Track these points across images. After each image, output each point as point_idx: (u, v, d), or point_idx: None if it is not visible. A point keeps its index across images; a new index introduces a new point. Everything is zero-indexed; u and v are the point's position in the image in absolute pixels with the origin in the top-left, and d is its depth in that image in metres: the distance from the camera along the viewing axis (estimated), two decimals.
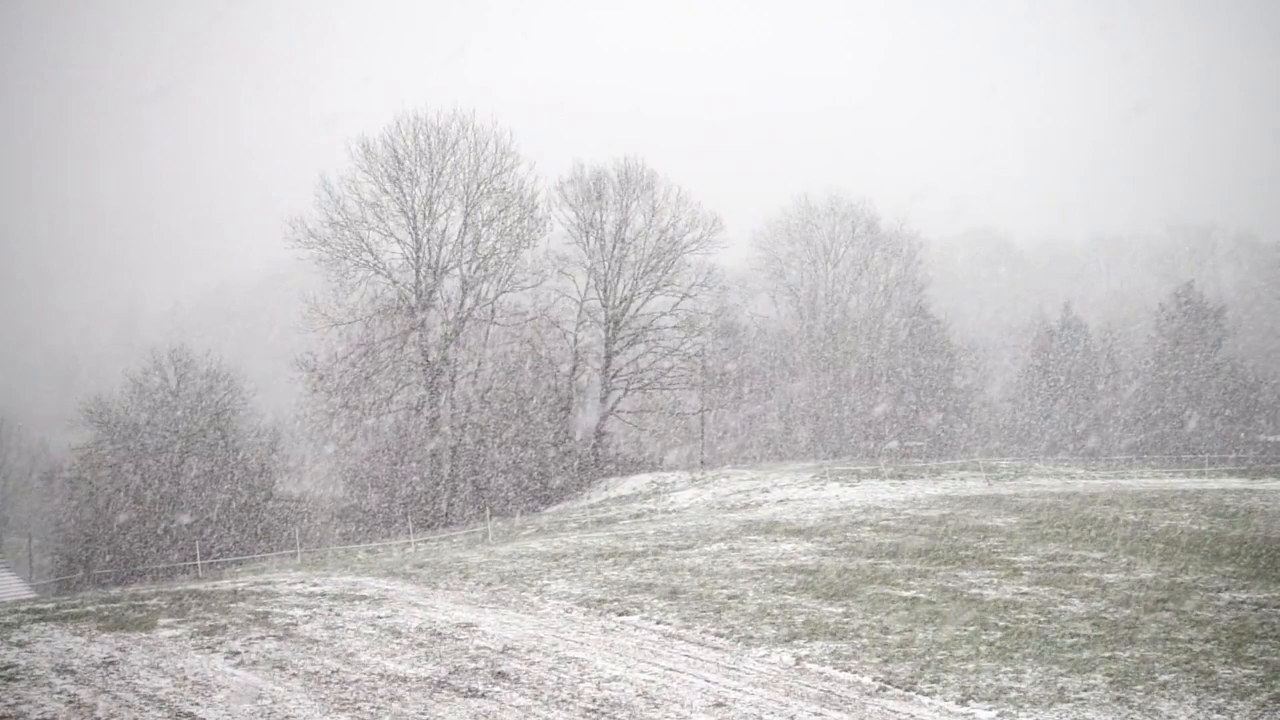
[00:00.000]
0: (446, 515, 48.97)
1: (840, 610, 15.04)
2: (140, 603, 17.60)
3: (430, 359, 52.26)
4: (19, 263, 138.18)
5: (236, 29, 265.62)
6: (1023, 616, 14.18)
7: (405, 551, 31.57)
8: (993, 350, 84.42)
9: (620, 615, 15.39)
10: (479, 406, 53.19)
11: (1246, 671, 11.30)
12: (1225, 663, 11.65)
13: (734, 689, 11.49)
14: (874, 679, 11.66)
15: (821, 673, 12.03)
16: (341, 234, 51.29)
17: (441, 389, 52.52)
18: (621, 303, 57.64)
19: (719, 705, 10.92)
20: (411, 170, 51.90)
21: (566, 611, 15.88)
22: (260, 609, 16.52)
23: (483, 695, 11.39)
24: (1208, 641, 12.54)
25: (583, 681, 11.83)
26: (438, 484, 51.01)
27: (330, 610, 16.28)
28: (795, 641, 13.35)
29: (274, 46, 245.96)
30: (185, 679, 12.26)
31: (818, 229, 75.06)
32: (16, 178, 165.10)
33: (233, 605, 16.95)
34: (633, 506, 37.88)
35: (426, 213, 52.20)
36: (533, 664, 12.62)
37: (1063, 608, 14.64)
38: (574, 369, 56.74)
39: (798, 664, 12.43)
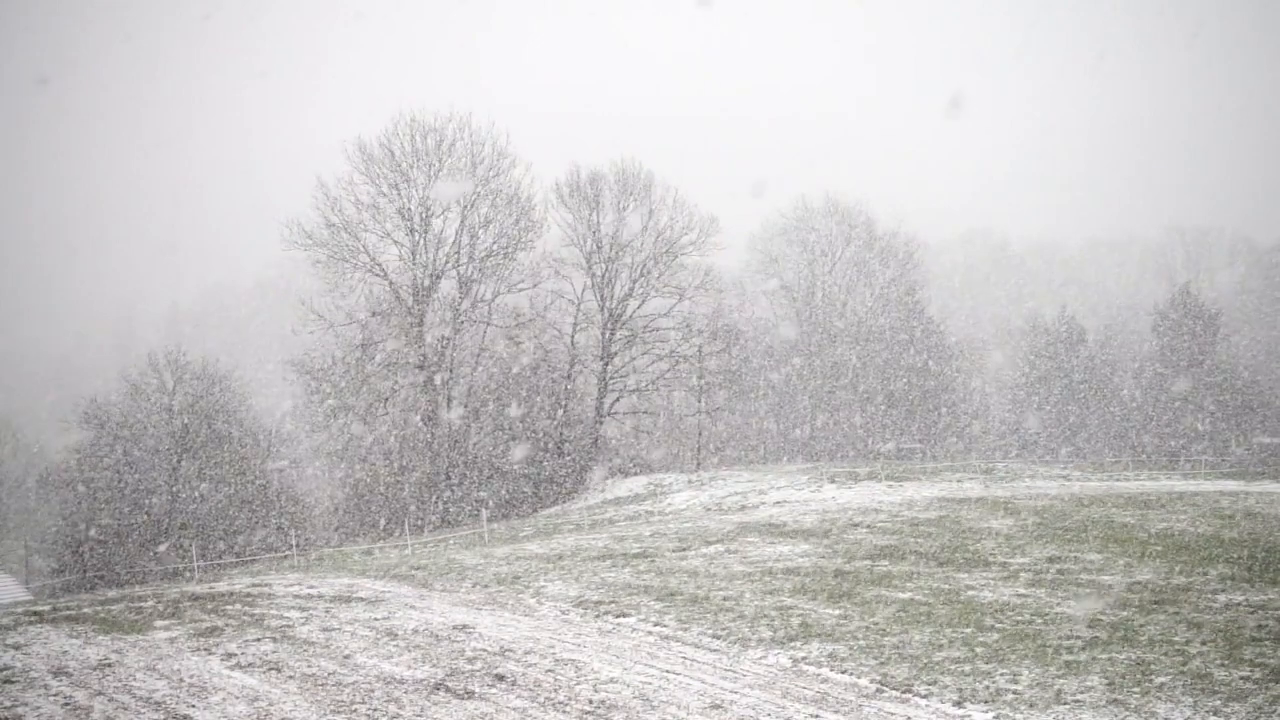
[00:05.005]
0: (443, 517, 48.91)
1: (837, 612, 15.04)
2: (136, 604, 17.58)
3: (427, 361, 52.22)
4: (15, 264, 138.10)
5: (236, 29, 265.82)
6: (1019, 618, 14.20)
7: (402, 553, 31.52)
8: (989, 352, 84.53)
9: (617, 617, 15.39)
10: (476, 408, 53.17)
11: (1243, 674, 11.30)
12: (1222, 665, 11.65)
13: (731, 691, 11.49)
14: (871, 681, 11.66)
15: (818, 675, 12.03)
16: (338, 235, 51.25)
17: (438, 391, 52.48)
18: (618, 304, 57.64)
19: (716, 707, 10.92)
20: (408, 172, 51.89)
21: (563, 613, 15.87)
22: (256, 611, 16.51)
23: (480, 697, 11.38)
24: (1204, 644, 12.55)
25: (580, 683, 11.82)
26: (434, 485, 50.97)
27: (327, 612, 16.27)
28: (792, 643, 13.35)
29: (273, 48, 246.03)
30: (182, 681, 12.25)
31: (815, 231, 75.17)
32: (13, 179, 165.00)
33: (229, 607, 16.93)
34: (630, 508, 37.83)
35: (423, 214, 52.21)
36: (530, 666, 12.61)
37: (1059, 610, 14.65)
38: (571, 371, 56.74)
39: (794, 666, 12.43)
